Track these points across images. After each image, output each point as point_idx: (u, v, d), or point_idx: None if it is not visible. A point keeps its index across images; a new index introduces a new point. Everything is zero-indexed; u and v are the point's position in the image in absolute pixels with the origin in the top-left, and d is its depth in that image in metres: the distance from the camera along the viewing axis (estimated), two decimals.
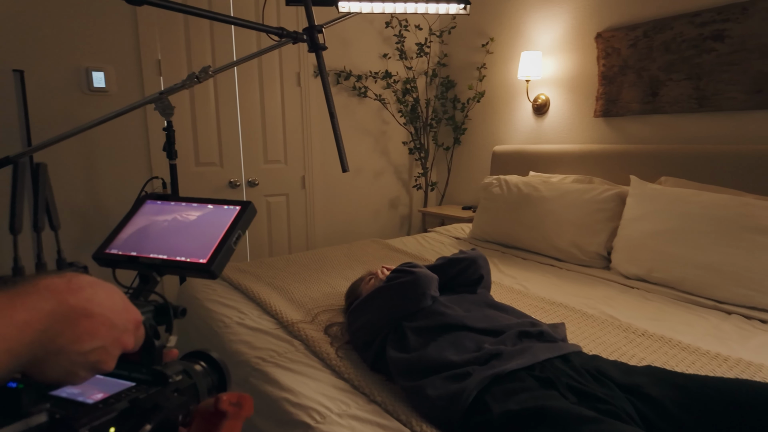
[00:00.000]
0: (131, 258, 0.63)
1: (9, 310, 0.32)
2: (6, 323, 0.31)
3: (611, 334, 1.33)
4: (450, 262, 1.33)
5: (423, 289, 1.11)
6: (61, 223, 2.21)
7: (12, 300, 0.33)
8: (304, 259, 2.13)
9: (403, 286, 1.13)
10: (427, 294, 1.12)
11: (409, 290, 1.13)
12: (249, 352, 1.25)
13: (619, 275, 1.86)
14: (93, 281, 0.42)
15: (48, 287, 0.36)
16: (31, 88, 2.08)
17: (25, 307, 0.33)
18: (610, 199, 2.01)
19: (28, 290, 0.35)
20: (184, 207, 0.69)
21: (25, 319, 0.33)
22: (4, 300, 0.32)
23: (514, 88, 3.04)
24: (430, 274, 1.16)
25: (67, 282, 0.38)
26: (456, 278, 1.31)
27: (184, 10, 1.04)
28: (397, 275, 1.16)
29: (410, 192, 3.59)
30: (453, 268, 1.31)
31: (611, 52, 2.50)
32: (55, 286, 0.37)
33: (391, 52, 3.27)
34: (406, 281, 1.13)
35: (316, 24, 1.26)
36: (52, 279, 0.37)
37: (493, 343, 0.99)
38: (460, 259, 1.32)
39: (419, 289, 1.12)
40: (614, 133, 2.53)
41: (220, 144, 2.66)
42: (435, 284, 1.15)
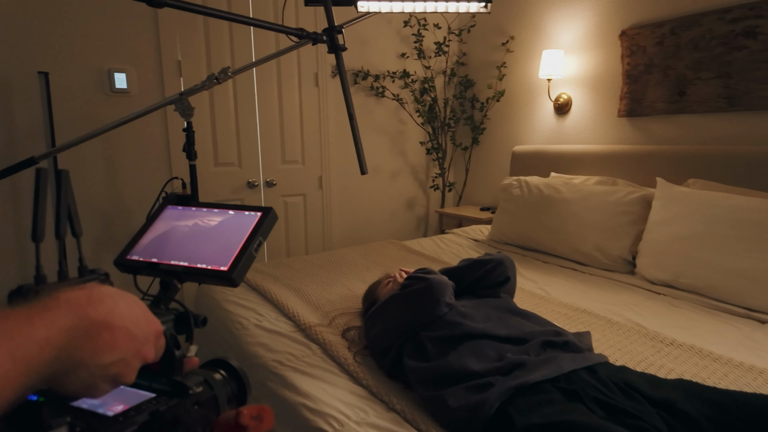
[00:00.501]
0: (152, 264, 0.63)
1: (28, 327, 0.31)
2: (25, 341, 0.31)
3: (638, 342, 1.28)
4: (475, 264, 1.29)
5: (437, 296, 1.08)
6: (83, 222, 2.25)
7: (31, 317, 0.32)
8: (320, 260, 2.12)
9: (416, 294, 1.10)
10: (442, 301, 1.08)
11: (423, 298, 1.09)
12: (266, 355, 1.25)
13: (644, 280, 1.81)
14: (114, 292, 0.41)
15: (68, 301, 0.35)
16: (56, 89, 2.11)
17: (44, 323, 0.32)
18: (635, 201, 1.96)
19: (48, 305, 0.34)
20: (205, 213, 0.68)
21: (45, 336, 0.32)
22: (23, 317, 0.32)
23: (534, 87, 2.98)
24: (445, 281, 1.12)
25: (88, 294, 0.38)
26: (481, 280, 1.28)
27: (205, 12, 1.04)
28: (410, 282, 1.13)
29: (427, 192, 3.56)
30: (478, 269, 1.28)
31: (636, 50, 2.43)
32: (75, 300, 0.36)
33: (409, 51, 3.24)
34: (420, 289, 1.10)
35: (335, 24, 1.24)
36: (73, 292, 0.37)
37: (516, 353, 0.96)
38: (485, 261, 1.29)
39: (433, 297, 1.08)
40: (639, 133, 2.46)
41: (238, 144, 2.67)
42: (450, 291, 1.12)
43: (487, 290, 1.27)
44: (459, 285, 1.27)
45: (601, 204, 2.01)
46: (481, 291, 1.27)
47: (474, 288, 1.29)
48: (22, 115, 2.07)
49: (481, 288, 1.28)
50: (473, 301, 1.19)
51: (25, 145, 2.09)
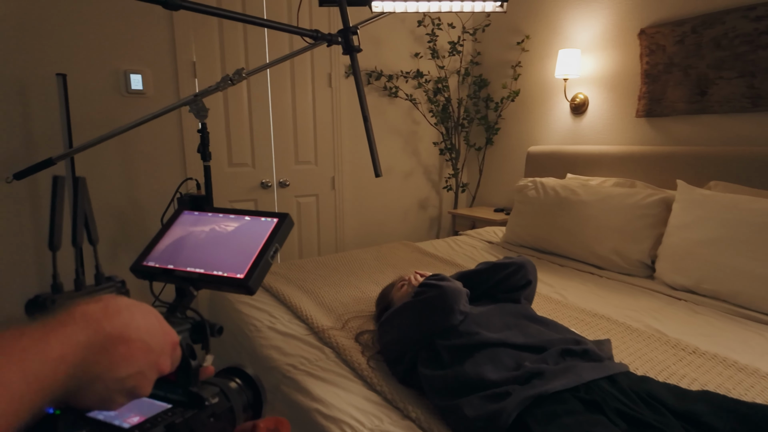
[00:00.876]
0: (168, 271, 0.62)
1: (43, 345, 0.30)
2: (40, 360, 0.30)
3: (659, 350, 1.25)
4: (495, 267, 1.26)
5: (451, 305, 1.05)
6: (99, 222, 2.27)
7: (47, 333, 0.31)
8: (333, 261, 2.11)
9: (430, 302, 1.07)
10: (456, 309, 1.05)
11: (437, 306, 1.06)
12: (280, 358, 1.24)
13: (664, 285, 1.77)
14: (130, 304, 0.41)
15: (84, 315, 0.35)
16: (73, 91, 2.14)
17: (59, 340, 0.32)
18: (654, 204, 1.91)
19: (64, 320, 0.33)
20: (221, 218, 0.68)
21: (60, 354, 0.31)
22: (38, 334, 0.31)
23: (550, 87, 2.94)
24: (459, 288, 1.09)
25: (104, 307, 0.37)
26: (500, 284, 1.25)
27: (220, 14, 1.03)
28: (423, 290, 1.10)
29: (440, 193, 3.54)
30: (498, 273, 1.25)
31: (656, 49, 2.38)
32: (91, 314, 0.35)
33: (423, 51, 3.22)
34: (433, 296, 1.07)
35: (350, 26, 1.23)
36: (89, 305, 0.36)
37: (534, 361, 0.93)
38: (506, 264, 1.25)
39: (447, 305, 1.05)
40: (658, 134, 2.41)
41: (252, 145, 2.68)
42: (464, 298, 1.09)
43: (506, 295, 1.24)
44: (477, 289, 1.24)
45: (620, 206, 1.97)
46: (501, 295, 1.24)
47: (493, 292, 1.26)
48: (41, 116, 2.10)
49: (501, 292, 1.25)
50: (491, 307, 1.16)
51: (43, 146, 2.12)
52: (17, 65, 2.02)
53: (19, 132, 2.06)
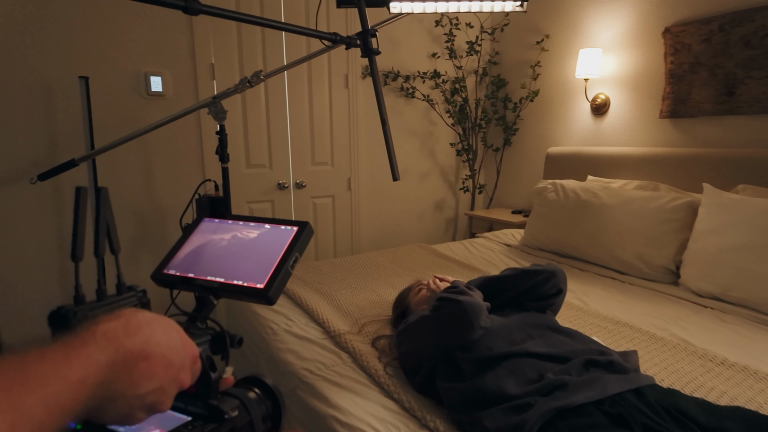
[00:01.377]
0: (188, 279, 0.62)
1: (64, 368, 0.30)
2: (60, 382, 0.29)
3: (685, 361, 1.21)
4: (524, 274, 1.21)
5: (470, 321, 1.01)
6: (120, 222, 2.30)
7: (68, 355, 0.31)
8: (349, 263, 2.11)
9: (448, 318, 1.03)
10: (476, 326, 1.01)
11: (455, 322, 1.02)
12: (296, 362, 1.24)
13: (689, 292, 1.71)
14: (150, 318, 0.40)
15: (105, 334, 0.34)
16: (95, 93, 2.17)
17: (80, 362, 0.31)
18: (679, 208, 1.86)
19: (85, 340, 0.33)
20: (241, 226, 0.67)
21: (81, 376, 0.31)
22: (59, 356, 0.30)
23: (570, 87, 2.89)
24: (478, 303, 1.04)
25: (124, 324, 0.37)
26: (529, 293, 1.20)
27: (239, 18, 1.03)
28: (442, 304, 1.06)
29: (457, 194, 3.51)
30: (528, 280, 1.20)
31: (681, 48, 2.31)
32: (112, 332, 0.35)
33: (441, 51, 3.19)
34: (452, 312, 1.03)
35: (369, 28, 1.22)
36: (110, 322, 0.36)
37: (557, 372, 0.91)
38: (536, 271, 1.21)
39: (466, 322, 1.01)
40: (683, 135, 2.34)
41: (269, 146, 2.69)
42: (485, 314, 1.05)
43: (534, 303, 1.20)
44: (503, 295, 1.20)
45: (643, 210, 1.92)
46: (528, 304, 1.20)
47: (521, 300, 1.21)
48: (64, 118, 2.13)
49: (529, 300, 1.21)
50: (513, 318, 1.13)
51: (67, 147, 2.16)
52: (42, 68, 2.06)
53: (43, 134, 2.10)
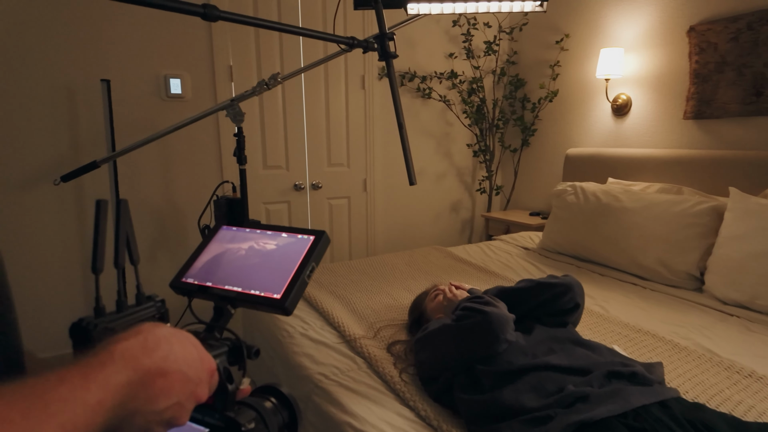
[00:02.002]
0: (206, 288, 0.62)
1: (82, 391, 0.30)
2: (79, 407, 0.29)
3: (710, 372, 1.17)
4: (539, 287, 1.17)
5: (496, 334, 0.98)
6: (141, 221, 2.34)
7: (86, 377, 0.31)
8: (364, 266, 2.10)
9: (472, 329, 1.00)
10: (502, 339, 0.98)
11: (480, 334, 0.99)
12: (312, 366, 1.24)
13: (714, 299, 1.67)
14: (168, 334, 0.40)
15: (123, 354, 0.34)
16: (116, 95, 2.21)
17: (99, 385, 0.31)
18: (704, 212, 1.80)
19: (104, 361, 0.33)
20: (258, 235, 0.67)
21: (99, 399, 0.31)
22: (78, 377, 0.30)
23: (590, 87, 2.83)
24: (505, 315, 1.01)
25: (143, 342, 0.36)
26: (545, 306, 1.17)
27: (257, 24, 1.03)
28: (466, 314, 1.03)
29: (473, 196, 3.48)
30: (543, 293, 1.16)
31: (706, 47, 2.25)
32: (130, 352, 0.35)
33: (458, 51, 3.17)
34: (477, 323, 1.00)
35: (387, 32, 1.21)
36: (128, 341, 0.35)
37: (579, 384, 0.89)
38: (551, 284, 1.16)
39: (492, 334, 0.97)
40: (708, 137, 2.27)
41: (286, 147, 2.71)
42: (511, 326, 1.01)
43: (551, 318, 1.16)
44: (518, 307, 1.17)
45: (666, 214, 1.87)
46: (545, 318, 1.17)
47: (537, 313, 1.18)
48: (86, 120, 2.18)
49: (545, 315, 1.17)
50: (535, 331, 1.10)
51: (89, 149, 2.20)
52: (65, 71, 2.10)
53: (66, 135, 2.15)
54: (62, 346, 2.23)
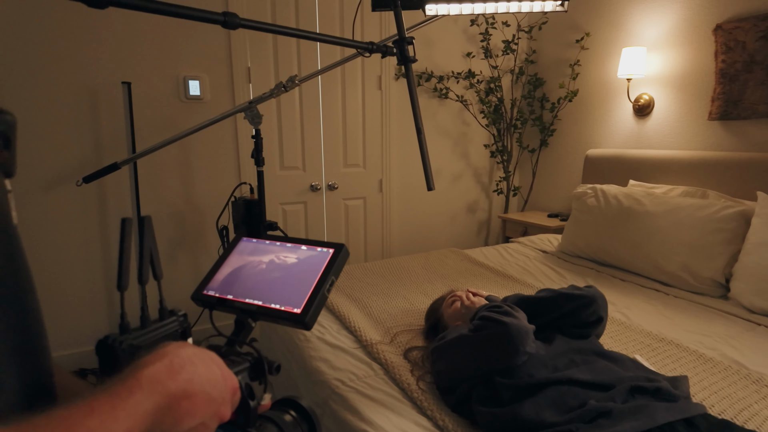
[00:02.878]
0: (227, 301, 0.62)
1: (111, 422, 0.30)
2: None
3: (737, 385, 1.14)
4: (561, 298, 1.14)
5: (515, 345, 0.96)
6: (160, 220, 2.38)
7: (114, 406, 0.31)
8: (380, 268, 2.10)
9: (492, 340, 0.98)
10: (522, 351, 0.96)
11: (500, 346, 0.97)
12: (329, 372, 1.24)
13: (740, 307, 1.62)
14: (192, 355, 0.40)
15: (150, 379, 0.34)
16: (137, 97, 2.24)
17: (127, 412, 0.31)
18: (730, 218, 1.75)
19: (131, 388, 0.33)
20: (278, 248, 0.67)
21: (127, 427, 0.31)
22: (107, 407, 0.31)
23: (611, 87, 2.78)
24: (525, 327, 0.99)
25: (168, 366, 0.37)
26: (567, 318, 1.14)
27: (277, 31, 1.03)
28: (486, 324, 1.00)
29: (490, 196, 3.44)
30: (565, 305, 1.13)
31: (734, 46, 2.18)
32: (157, 376, 0.35)
33: (476, 50, 3.13)
34: (496, 334, 0.98)
35: (406, 36, 1.19)
36: (154, 366, 0.36)
37: (601, 399, 0.87)
38: (574, 296, 1.13)
39: (511, 346, 0.95)
40: (734, 138, 2.21)
41: (303, 148, 2.71)
42: (531, 338, 0.99)
43: (573, 330, 1.14)
44: (540, 317, 1.15)
45: (691, 220, 1.82)
46: (567, 329, 1.14)
47: (559, 324, 1.15)
48: (108, 122, 2.21)
49: (568, 326, 1.14)
50: (556, 342, 1.08)
51: (110, 150, 2.24)
52: (88, 74, 2.14)
53: (88, 137, 2.19)
54: (81, 344, 2.28)
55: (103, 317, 2.33)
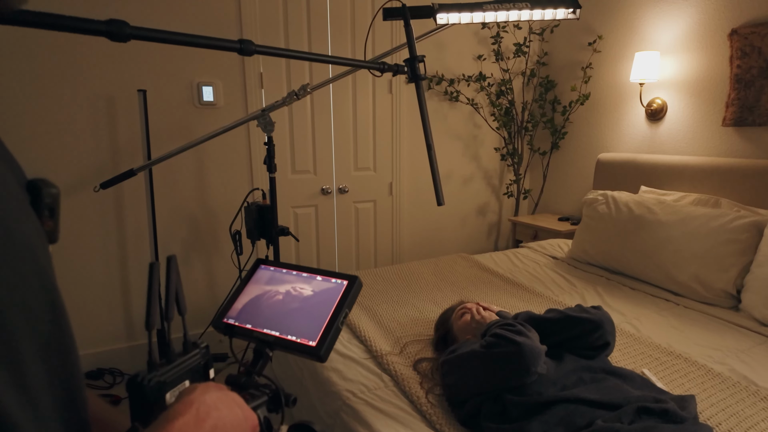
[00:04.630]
0: (246, 330, 0.65)
1: None
2: None
3: (745, 403, 1.14)
4: (568, 321, 1.15)
5: (527, 366, 0.96)
6: (175, 224, 2.42)
7: None
8: (390, 274, 2.12)
9: (504, 359, 1.00)
10: (533, 371, 0.98)
11: (511, 365, 0.98)
12: (340, 383, 1.27)
13: (751, 320, 1.61)
14: (216, 400, 0.43)
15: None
16: (152, 104, 2.28)
17: None
18: (743, 228, 1.74)
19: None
20: (294, 277, 0.69)
21: None
22: None
23: (624, 91, 2.76)
24: (537, 348, 1.00)
25: (195, 416, 0.39)
26: (575, 340, 1.15)
27: (291, 56, 1.05)
28: (498, 341, 1.02)
29: (500, 199, 3.44)
30: (572, 328, 1.14)
31: (749, 51, 2.15)
32: (186, 428, 0.37)
33: (487, 53, 3.13)
34: (509, 353, 0.99)
35: (417, 55, 1.21)
36: (184, 418, 0.38)
37: (608, 419, 0.88)
38: (581, 319, 1.14)
39: (523, 366, 0.97)
40: (749, 145, 2.19)
41: (314, 152, 2.74)
42: (542, 358, 1.01)
43: (581, 351, 1.15)
44: (548, 337, 1.16)
45: (703, 229, 1.81)
46: (575, 350, 1.15)
47: (567, 346, 1.16)
48: (124, 128, 2.26)
49: (576, 348, 1.15)
50: (566, 360, 1.10)
51: (127, 156, 2.28)
52: (105, 82, 2.18)
53: (106, 143, 2.24)
54: (98, 345, 2.35)
55: (120, 319, 2.38)
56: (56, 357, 0.31)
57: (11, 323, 0.26)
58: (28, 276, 0.29)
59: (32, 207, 0.33)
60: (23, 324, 0.27)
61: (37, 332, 0.29)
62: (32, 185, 0.35)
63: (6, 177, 0.30)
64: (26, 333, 0.28)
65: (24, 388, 0.27)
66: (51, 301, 0.31)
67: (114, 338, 2.37)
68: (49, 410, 0.29)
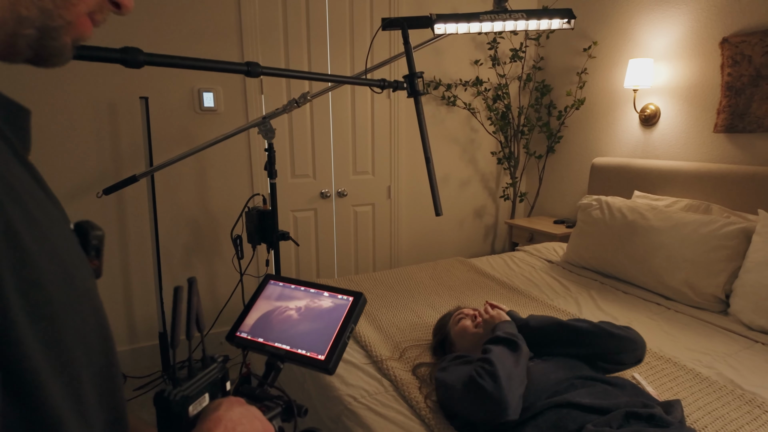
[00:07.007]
0: (258, 344, 0.69)
1: None
2: None
3: (731, 406, 1.19)
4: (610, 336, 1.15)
5: (500, 414, 0.96)
6: (177, 229, 2.46)
7: None
8: (389, 278, 2.16)
9: (478, 401, 0.99)
10: (504, 418, 0.96)
11: (484, 407, 0.98)
12: (342, 388, 1.31)
13: (739, 324, 1.67)
14: (240, 415, 0.47)
15: None
16: (153, 111, 2.31)
17: None
18: (732, 235, 1.80)
19: None
20: (302, 293, 0.74)
21: None
22: None
23: (618, 96, 2.81)
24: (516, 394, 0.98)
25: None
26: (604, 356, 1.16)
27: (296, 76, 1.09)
28: (482, 373, 1.00)
29: (497, 202, 3.49)
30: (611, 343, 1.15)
31: (740, 59, 2.20)
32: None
33: (483, 58, 3.17)
34: (483, 397, 0.98)
35: (416, 71, 1.25)
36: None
37: (598, 423, 0.93)
38: (621, 337, 1.15)
39: (495, 413, 0.96)
40: (739, 151, 2.24)
41: (313, 156, 2.78)
42: (518, 404, 0.98)
43: (600, 363, 1.17)
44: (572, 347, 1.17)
45: (694, 236, 1.86)
46: (593, 362, 1.17)
47: (591, 360, 1.17)
48: (127, 135, 2.29)
49: (600, 362, 1.17)
50: (559, 363, 1.13)
51: (129, 162, 2.32)
52: (108, 89, 2.21)
53: (108, 150, 2.27)
54: None
55: (122, 322, 2.42)
56: (105, 384, 0.35)
57: (77, 361, 0.30)
58: (87, 316, 0.33)
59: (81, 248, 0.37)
60: (84, 359, 0.31)
61: (92, 363, 0.33)
62: (79, 228, 0.39)
63: (62, 223, 0.34)
64: (84, 364, 0.32)
65: (82, 414, 0.31)
66: (104, 336, 0.35)
67: (116, 341, 2.41)
68: (101, 429, 0.34)
